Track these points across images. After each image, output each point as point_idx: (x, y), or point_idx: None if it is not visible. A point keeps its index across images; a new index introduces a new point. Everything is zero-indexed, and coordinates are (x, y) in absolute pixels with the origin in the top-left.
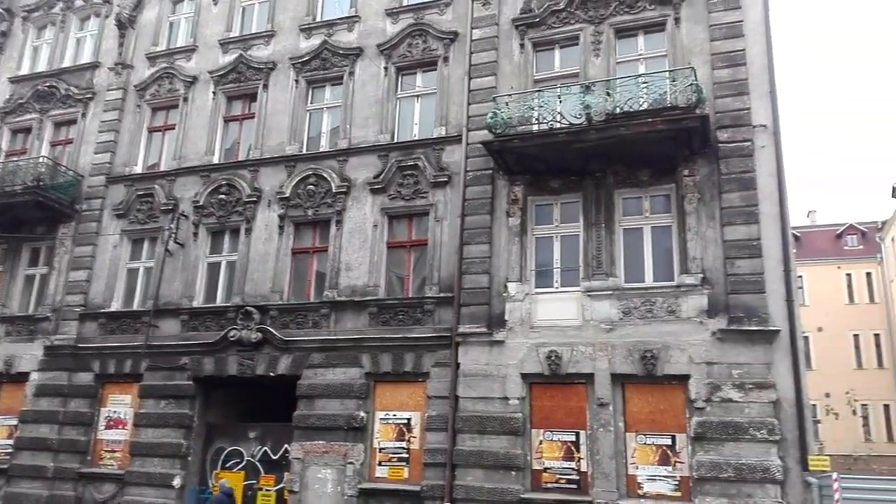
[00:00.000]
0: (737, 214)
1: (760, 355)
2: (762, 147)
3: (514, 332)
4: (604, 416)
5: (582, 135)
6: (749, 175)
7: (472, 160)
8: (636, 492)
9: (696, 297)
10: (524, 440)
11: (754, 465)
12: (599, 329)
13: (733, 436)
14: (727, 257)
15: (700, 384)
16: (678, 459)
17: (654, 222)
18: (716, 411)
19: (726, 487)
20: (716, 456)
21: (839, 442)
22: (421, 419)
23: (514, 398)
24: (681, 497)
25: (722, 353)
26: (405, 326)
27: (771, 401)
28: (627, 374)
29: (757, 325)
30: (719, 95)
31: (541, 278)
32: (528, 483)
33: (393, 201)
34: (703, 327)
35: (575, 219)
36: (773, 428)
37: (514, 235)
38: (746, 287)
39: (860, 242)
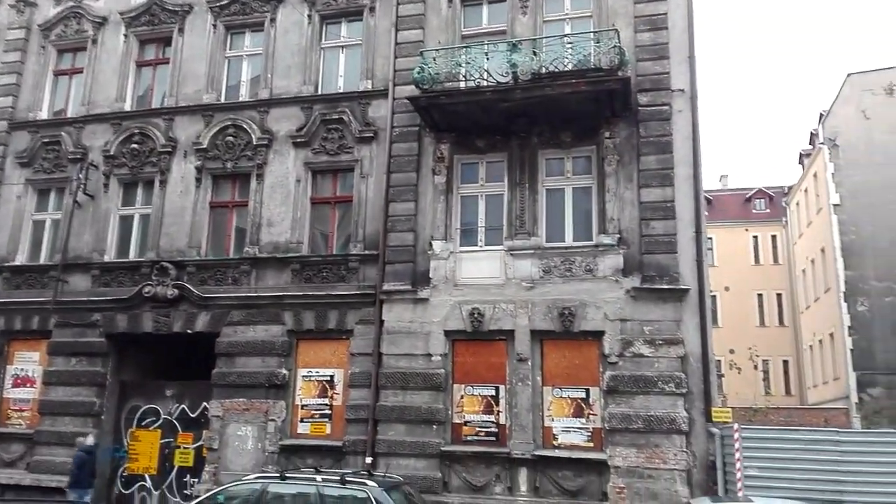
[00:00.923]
0: (653, 177)
1: (671, 313)
2: (679, 111)
3: (438, 289)
4: (523, 371)
5: (508, 93)
6: (666, 139)
7: (398, 116)
8: (551, 443)
9: (612, 257)
10: (446, 395)
11: (662, 417)
12: (521, 287)
13: (643, 389)
14: (643, 218)
15: (614, 340)
16: (591, 412)
17: (576, 183)
18: (628, 366)
19: (636, 438)
20: (627, 408)
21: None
22: (344, 376)
23: (437, 355)
24: (593, 447)
25: (635, 310)
26: (329, 284)
27: (679, 356)
28: (546, 331)
29: (668, 284)
30: (641, 59)
31: (465, 237)
32: (448, 436)
33: (317, 156)
34: (619, 286)
35: (500, 178)
36: (680, 381)
37: (440, 194)
38: (660, 247)
39: (768, 206)
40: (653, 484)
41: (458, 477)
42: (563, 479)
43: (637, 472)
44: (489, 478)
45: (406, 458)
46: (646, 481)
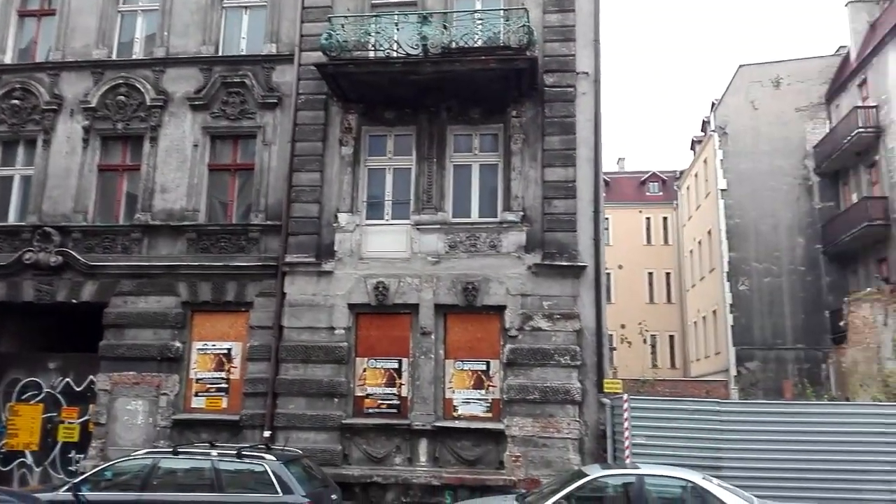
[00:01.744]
0: (557, 157)
1: (569, 288)
2: (583, 94)
3: (343, 262)
4: (426, 344)
5: (418, 66)
6: (570, 120)
7: (304, 83)
8: (452, 414)
9: (516, 234)
10: (348, 368)
11: (557, 388)
12: (426, 261)
13: (541, 361)
14: (545, 197)
15: (514, 314)
16: (491, 384)
17: (483, 160)
18: (527, 339)
19: (532, 408)
20: (524, 380)
21: (631, 367)
22: (242, 349)
23: (340, 328)
24: (491, 418)
25: (536, 285)
26: (228, 254)
27: (575, 330)
28: (450, 305)
29: (567, 261)
30: (548, 39)
31: (372, 210)
32: (350, 409)
33: (216, 120)
34: (521, 262)
35: (408, 152)
36: (575, 354)
37: (347, 165)
38: (561, 225)
39: (661, 190)
40: (547, 452)
41: (358, 449)
42: (462, 448)
43: (532, 441)
44: (390, 449)
45: (306, 431)
46: (540, 450)
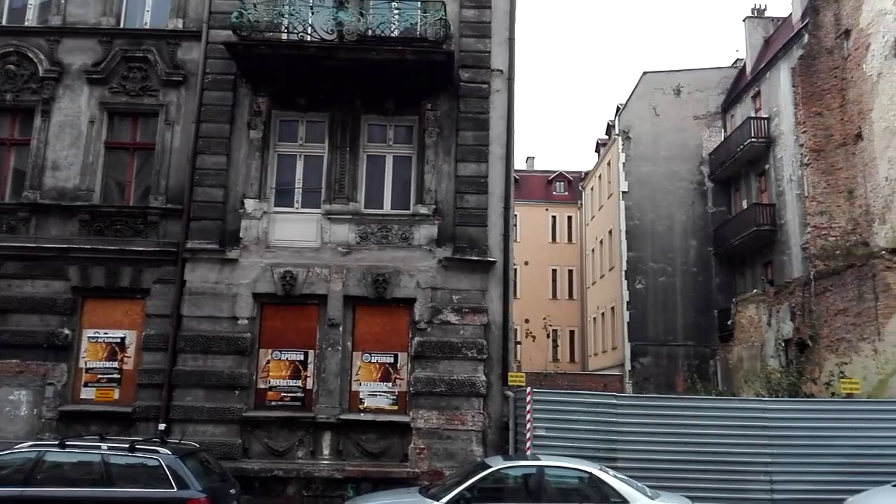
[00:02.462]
0: (470, 152)
1: (478, 283)
2: (497, 91)
3: (248, 250)
4: (334, 336)
5: (333, 52)
6: (483, 116)
7: (212, 62)
8: (357, 407)
9: (427, 227)
10: (251, 360)
11: (463, 381)
12: (336, 252)
13: (448, 355)
14: (458, 191)
15: (424, 307)
16: (398, 376)
17: (397, 152)
18: (435, 332)
19: (438, 401)
20: (432, 372)
21: (533, 361)
22: (137, 338)
23: (243, 318)
24: (397, 410)
25: (446, 279)
26: (124, 238)
27: (483, 324)
28: (360, 297)
29: (478, 256)
30: (464, 35)
31: (281, 197)
32: (251, 402)
33: (115, 96)
34: (432, 255)
35: (320, 139)
36: (482, 348)
37: (255, 149)
38: (472, 220)
39: (566, 189)
40: (451, 444)
41: (259, 443)
42: (366, 441)
43: (437, 434)
44: (292, 442)
45: (204, 424)
46: (445, 442)
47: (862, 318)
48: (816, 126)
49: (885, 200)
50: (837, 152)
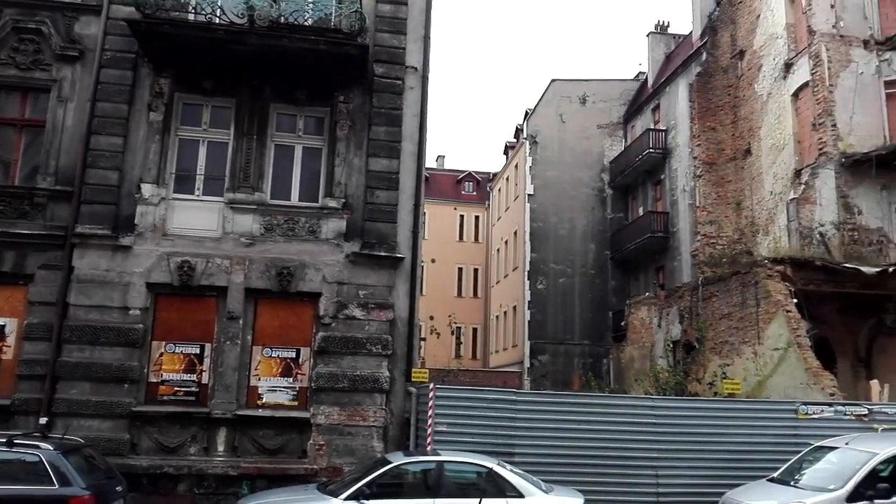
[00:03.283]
0: (382, 147)
1: (385, 279)
2: (411, 88)
3: (143, 237)
4: (233, 329)
5: (243, 37)
6: (397, 112)
7: (112, 38)
8: (255, 402)
9: (336, 221)
10: (143, 352)
11: (367, 377)
12: (239, 243)
13: (352, 350)
14: (368, 186)
15: (329, 302)
16: (300, 371)
17: (307, 143)
18: (340, 327)
19: (340, 397)
20: (334, 368)
21: (437, 357)
22: (18, 326)
23: (135, 308)
24: (297, 406)
25: (353, 274)
26: (6, 219)
27: (388, 320)
28: (262, 290)
29: (386, 252)
30: (380, 29)
31: (181, 183)
32: (142, 396)
33: (4, 68)
34: (339, 249)
35: (226, 125)
36: (387, 344)
37: (155, 133)
38: (382, 216)
39: (475, 189)
40: (351, 440)
41: (149, 438)
42: (263, 437)
43: (338, 430)
44: (184, 438)
45: (90, 418)
46: (345, 438)
47: (744, 323)
48: (710, 140)
49: (769, 213)
50: (728, 166)
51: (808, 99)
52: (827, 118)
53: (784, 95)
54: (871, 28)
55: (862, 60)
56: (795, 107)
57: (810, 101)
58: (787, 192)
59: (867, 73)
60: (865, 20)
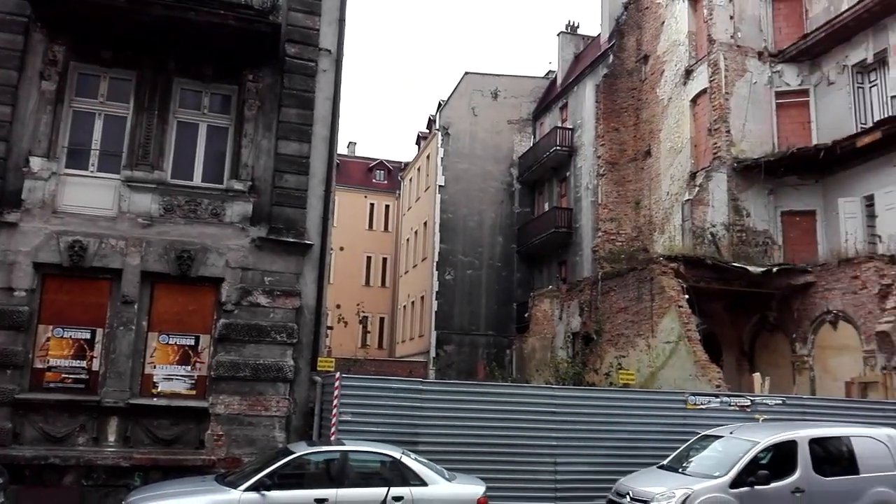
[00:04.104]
0: (292, 130)
1: (292, 265)
2: (324, 71)
3: (31, 214)
4: (127, 314)
5: (147, 7)
6: (309, 95)
7: None
8: (150, 391)
9: (241, 204)
10: (27, 337)
11: (270, 366)
12: (136, 223)
13: (255, 338)
14: (277, 170)
15: (232, 288)
16: (199, 359)
17: (212, 121)
18: (243, 314)
19: (241, 386)
20: (236, 356)
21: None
22: None
23: (21, 290)
24: (195, 395)
25: (258, 260)
26: None
27: (294, 308)
28: (160, 273)
29: (294, 238)
30: (293, 9)
31: (74, 158)
32: (26, 383)
33: None
34: (244, 234)
35: (125, 99)
36: (292, 332)
37: (47, 103)
38: (290, 201)
39: (386, 178)
40: (252, 430)
41: (33, 428)
42: (158, 427)
43: (238, 420)
44: (73, 428)
45: None
46: (245, 428)
47: (639, 317)
48: (613, 141)
49: (665, 213)
50: (629, 166)
51: (705, 105)
52: (722, 124)
53: (683, 101)
54: (765, 40)
55: (756, 71)
56: (693, 112)
57: (707, 108)
58: (682, 194)
59: (760, 83)
60: (761, 33)
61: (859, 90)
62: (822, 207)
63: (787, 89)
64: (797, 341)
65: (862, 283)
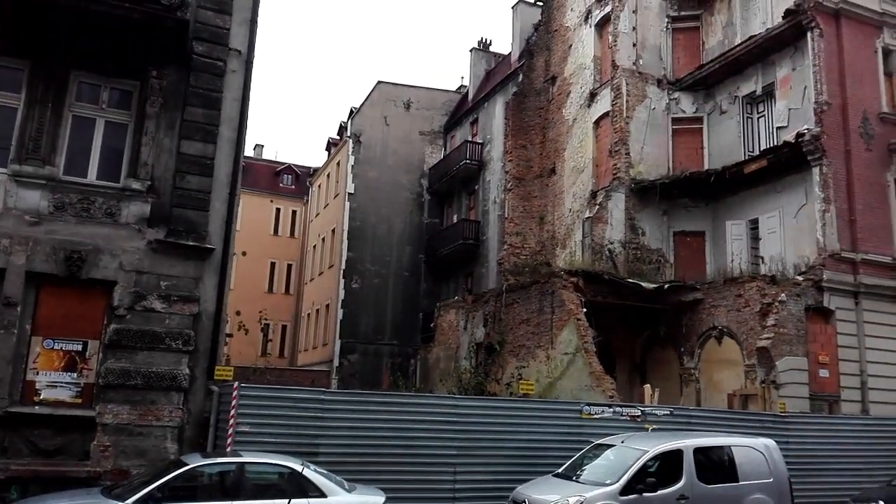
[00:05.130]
0: (197, 130)
1: (192, 270)
2: (234, 71)
3: None
4: (9, 316)
5: None
6: (216, 95)
7: None
8: (32, 399)
9: (139, 204)
10: None
11: (164, 374)
12: (23, 221)
13: (149, 345)
14: (178, 170)
15: (126, 292)
16: (86, 366)
17: (111, 117)
18: (136, 320)
19: (132, 394)
20: (127, 364)
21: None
22: None
23: None
24: (81, 404)
25: (154, 263)
26: None
27: (192, 314)
28: (47, 274)
29: (195, 241)
30: (203, 6)
31: None
32: None
33: None
34: (141, 235)
35: (16, 89)
36: (189, 339)
37: None
38: (192, 203)
39: (294, 183)
40: (142, 441)
41: None
42: (39, 437)
43: (127, 430)
44: None
45: None
46: (135, 439)
47: (540, 328)
48: (520, 157)
49: (567, 229)
50: (535, 182)
51: (607, 127)
52: (622, 146)
53: (587, 122)
54: (665, 69)
55: (655, 97)
56: (596, 133)
57: (609, 130)
58: (583, 211)
59: (659, 109)
60: (661, 61)
61: (748, 120)
62: (711, 229)
63: (682, 116)
64: (685, 355)
65: (745, 301)
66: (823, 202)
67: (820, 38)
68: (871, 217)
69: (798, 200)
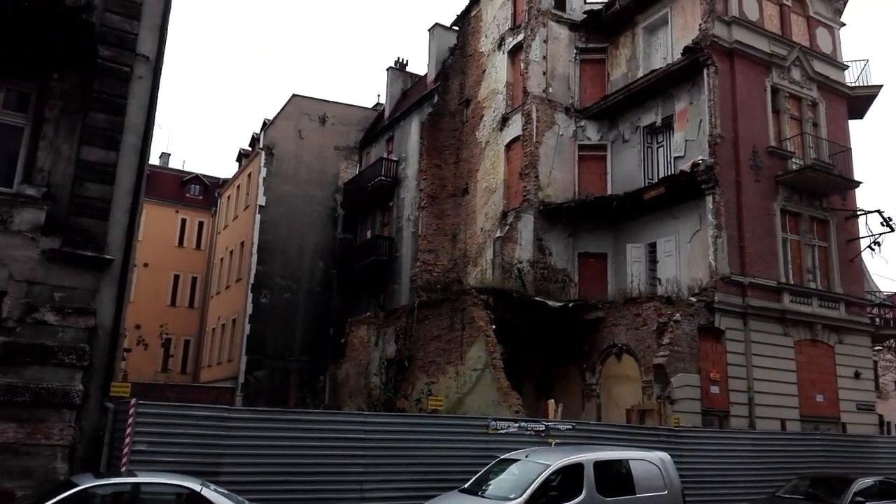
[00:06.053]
0: (99, 136)
1: (89, 281)
2: (140, 78)
3: None
4: None
5: None
6: (121, 101)
7: None
8: None
9: (33, 211)
10: None
11: (55, 390)
12: None
13: (40, 360)
14: (77, 177)
15: (16, 303)
16: None
17: (5, 119)
18: (27, 333)
19: (19, 412)
20: (15, 379)
21: (142, 371)
22: None
23: None
24: None
25: (48, 273)
26: None
27: (88, 327)
28: None
29: (93, 252)
30: (110, 9)
31: None
32: None
33: None
34: (34, 244)
35: None
36: (83, 354)
37: None
38: (91, 211)
39: (201, 193)
40: (29, 461)
41: None
42: None
43: (13, 449)
44: None
45: None
46: (21, 458)
47: (450, 345)
48: (434, 176)
49: (479, 247)
50: (448, 201)
51: (518, 151)
52: (531, 170)
53: (499, 145)
54: (572, 98)
55: (563, 124)
56: (507, 156)
57: (520, 153)
58: (494, 231)
59: (566, 136)
60: (569, 90)
61: (649, 149)
62: (613, 251)
63: (588, 143)
64: (587, 371)
65: (643, 320)
66: (716, 228)
67: (715, 74)
68: (758, 243)
69: (693, 226)
